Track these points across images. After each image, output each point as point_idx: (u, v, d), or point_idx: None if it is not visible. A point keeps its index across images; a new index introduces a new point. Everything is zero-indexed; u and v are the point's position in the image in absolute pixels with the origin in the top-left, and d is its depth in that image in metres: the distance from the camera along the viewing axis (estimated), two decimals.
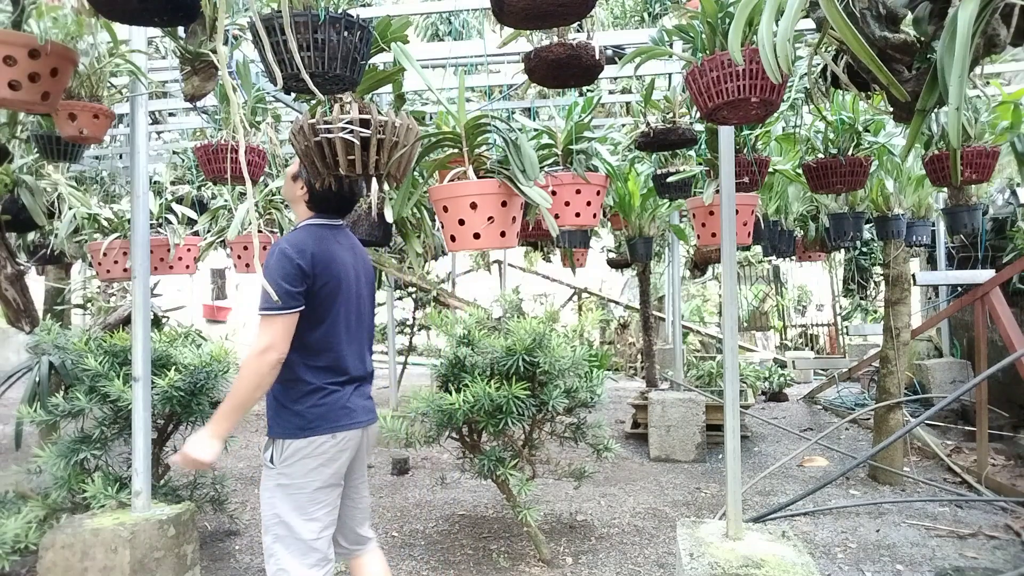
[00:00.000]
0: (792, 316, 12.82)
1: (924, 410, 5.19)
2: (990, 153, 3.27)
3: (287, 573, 1.97)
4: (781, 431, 6.08)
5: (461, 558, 3.39)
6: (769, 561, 2.21)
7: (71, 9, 2.27)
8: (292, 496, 1.99)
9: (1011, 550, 3.44)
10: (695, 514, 4.03)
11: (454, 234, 2.24)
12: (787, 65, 1.31)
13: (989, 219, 5.90)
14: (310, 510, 2.01)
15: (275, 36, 1.67)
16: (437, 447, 3.43)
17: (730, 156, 2.54)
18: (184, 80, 2.36)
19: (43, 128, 3.08)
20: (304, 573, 1.98)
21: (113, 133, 4.78)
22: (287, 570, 1.98)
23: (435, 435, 3.24)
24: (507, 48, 2.79)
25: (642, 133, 3.28)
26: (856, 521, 3.88)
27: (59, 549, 2.56)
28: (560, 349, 3.09)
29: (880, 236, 4.79)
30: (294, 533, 1.99)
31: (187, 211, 4.28)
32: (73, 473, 3.03)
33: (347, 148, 1.95)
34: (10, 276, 3.64)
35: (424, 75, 2.23)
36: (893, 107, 1.40)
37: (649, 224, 5.44)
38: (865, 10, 1.30)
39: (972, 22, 1.07)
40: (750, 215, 3.42)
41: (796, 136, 3.67)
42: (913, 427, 3.98)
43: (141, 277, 2.77)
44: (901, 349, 4.58)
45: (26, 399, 3.37)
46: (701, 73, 2.09)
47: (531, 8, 1.75)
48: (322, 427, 2.01)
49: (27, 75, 2.06)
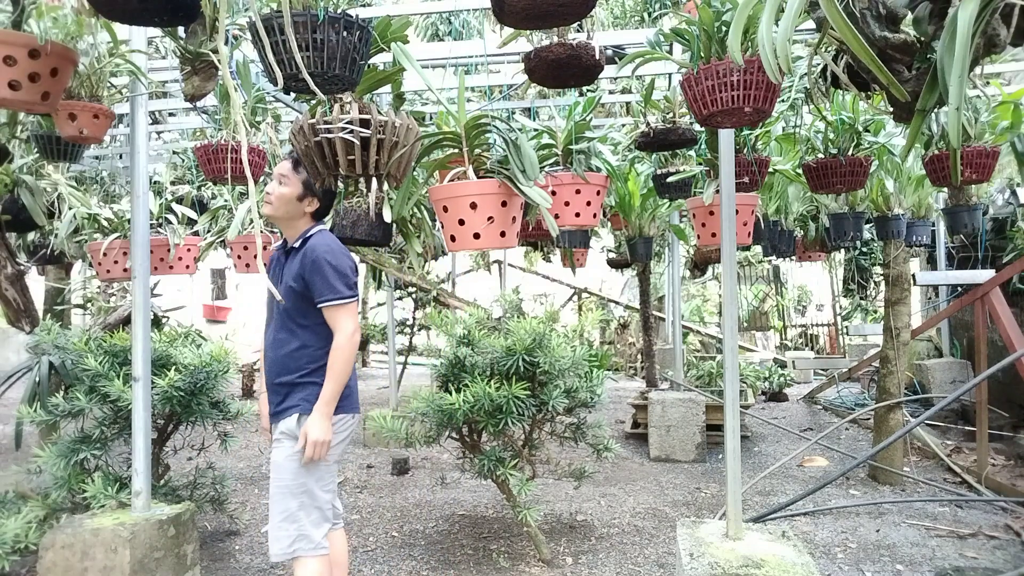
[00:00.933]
0: (792, 316, 12.82)
1: (924, 410, 5.19)
2: (990, 153, 3.28)
3: (307, 537, 2.17)
4: (781, 431, 6.08)
5: (461, 558, 3.39)
6: (769, 561, 2.21)
7: (71, 9, 2.27)
8: (318, 466, 2.19)
9: (1011, 550, 3.44)
10: (695, 514, 4.03)
11: (454, 234, 2.24)
12: (787, 65, 1.31)
13: (989, 219, 5.90)
14: (327, 480, 2.24)
15: (275, 36, 1.67)
16: (437, 447, 3.43)
17: (730, 156, 2.54)
18: (184, 80, 2.36)
19: (43, 128, 3.08)
20: (320, 535, 2.20)
21: (113, 133, 4.78)
22: (308, 535, 2.17)
23: (435, 435, 3.24)
24: (507, 48, 2.79)
25: (642, 133, 3.28)
26: (856, 521, 3.88)
27: (59, 549, 2.56)
28: (560, 349, 3.09)
29: (880, 236, 4.79)
30: (315, 501, 2.19)
31: (187, 211, 4.28)
32: (73, 473, 3.03)
33: (347, 148, 1.95)
34: (10, 276, 3.65)
35: (424, 75, 2.23)
36: (893, 107, 1.40)
37: (649, 224, 5.44)
38: (865, 10, 1.30)
39: (972, 22, 1.07)
40: (750, 215, 3.43)
41: (796, 136, 3.67)
42: (913, 427, 3.98)
43: (141, 277, 2.77)
44: (901, 349, 4.58)
45: (26, 399, 3.37)
46: (696, 81, 2.12)
47: (531, 8, 1.75)
48: (349, 407, 2.28)
49: (27, 75, 2.06)
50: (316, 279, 2.17)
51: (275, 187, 2.25)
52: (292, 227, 2.30)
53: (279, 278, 2.28)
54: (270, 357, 2.30)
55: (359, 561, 3.38)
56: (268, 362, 2.31)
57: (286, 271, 2.26)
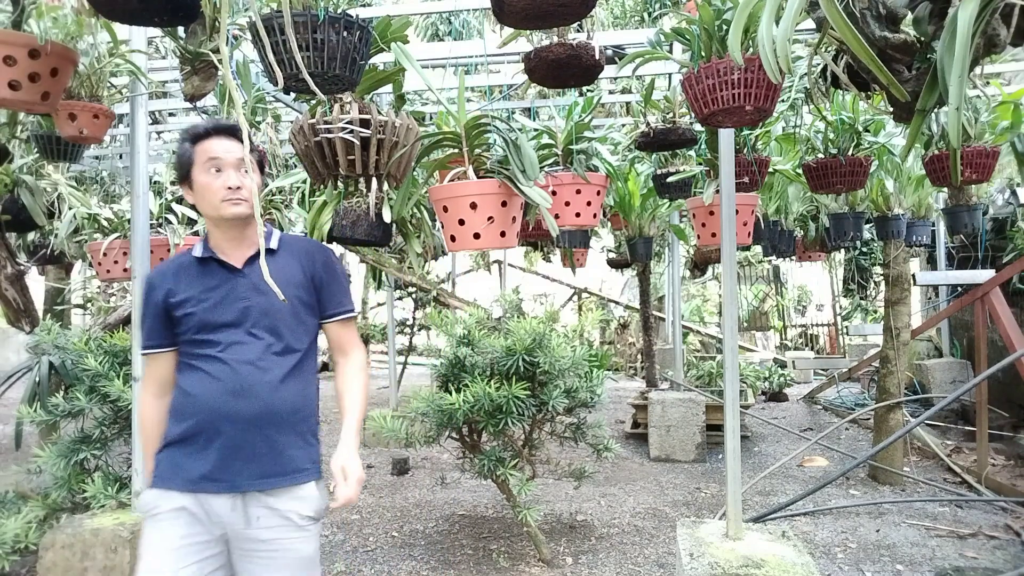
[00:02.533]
0: (792, 316, 12.81)
1: (924, 410, 5.19)
2: (990, 153, 3.27)
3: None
4: (781, 431, 6.08)
5: (461, 558, 3.39)
6: (769, 561, 2.21)
7: (71, 9, 2.27)
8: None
9: (1011, 550, 3.43)
10: (695, 514, 4.03)
11: (454, 234, 2.24)
12: (787, 65, 1.31)
13: (989, 219, 5.90)
14: None
15: (275, 36, 1.68)
16: (437, 447, 3.42)
17: (730, 156, 2.54)
18: (184, 80, 2.36)
19: (43, 128, 3.08)
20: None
21: (113, 133, 4.78)
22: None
23: (435, 435, 3.24)
24: (507, 48, 2.79)
25: (642, 133, 3.28)
26: (856, 521, 3.88)
27: (59, 549, 2.56)
28: (560, 349, 3.09)
29: (880, 236, 4.79)
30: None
31: (187, 211, 4.28)
32: (73, 473, 3.03)
33: (347, 148, 1.95)
34: (10, 276, 3.65)
35: (424, 75, 2.23)
36: (893, 107, 1.40)
37: (649, 224, 5.44)
38: (865, 10, 1.30)
39: (972, 22, 1.07)
40: (750, 215, 3.43)
41: (796, 136, 3.67)
42: (913, 427, 3.98)
43: (141, 277, 2.77)
44: (901, 349, 4.58)
45: (26, 399, 3.37)
46: (697, 80, 2.13)
47: (531, 8, 1.75)
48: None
49: (27, 75, 2.06)
50: (334, 285, 1.74)
51: (242, 178, 1.62)
52: (252, 226, 1.67)
53: (239, 292, 1.64)
54: (250, 397, 1.58)
55: (359, 561, 3.38)
56: (239, 403, 1.58)
57: (267, 280, 1.47)
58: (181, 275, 1.67)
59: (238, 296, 1.63)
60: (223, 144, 1.62)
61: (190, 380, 1.62)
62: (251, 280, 1.65)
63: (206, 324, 1.61)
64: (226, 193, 1.61)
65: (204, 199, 1.63)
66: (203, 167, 1.61)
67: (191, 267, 1.67)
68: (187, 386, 1.62)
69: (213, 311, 1.62)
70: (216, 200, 1.61)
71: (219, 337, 1.61)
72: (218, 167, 1.61)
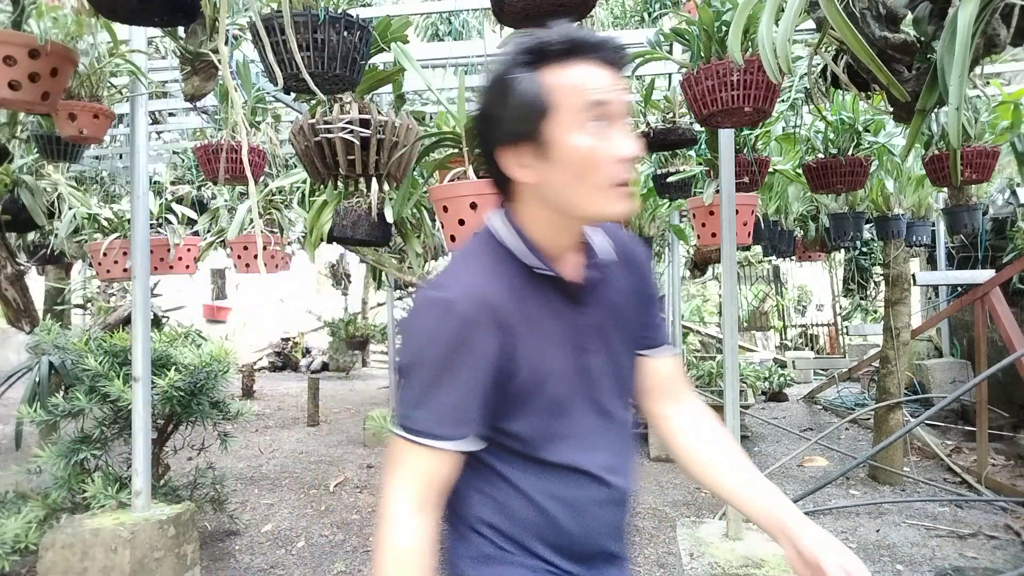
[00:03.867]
0: (792, 316, 12.81)
1: (924, 410, 5.19)
2: (990, 153, 3.27)
3: None
4: (781, 431, 6.08)
5: None
6: (769, 561, 2.21)
7: (71, 9, 2.27)
8: None
9: (1011, 550, 3.43)
10: (695, 514, 4.03)
11: (454, 234, 2.24)
12: (787, 65, 1.31)
13: (989, 219, 5.90)
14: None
15: (275, 36, 1.68)
16: None
17: (730, 156, 2.55)
18: (184, 80, 2.36)
19: (43, 128, 3.08)
20: None
21: (113, 133, 4.78)
22: None
23: None
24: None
25: (642, 133, 3.28)
26: (856, 521, 3.87)
27: (59, 549, 2.56)
28: None
29: (880, 236, 4.79)
30: None
31: (187, 211, 4.28)
32: (73, 473, 3.03)
33: (347, 148, 1.95)
34: (10, 276, 3.65)
35: (424, 75, 2.23)
36: (893, 107, 1.40)
37: (649, 224, 5.43)
38: (865, 10, 1.30)
39: (972, 22, 1.07)
40: (750, 215, 3.42)
41: (796, 136, 3.67)
42: (913, 427, 3.98)
43: (141, 277, 2.77)
44: (901, 349, 4.58)
45: (26, 399, 3.37)
46: (696, 81, 2.13)
47: (530, 8, 1.75)
48: None
49: (27, 75, 2.06)
50: (657, 311, 1.12)
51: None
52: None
53: (590, 338, 1.01)
54: (613, 505, 1.03)
55: (359, 561, 3.38)
56: (602, 512, 1.02)
57: (614, 316, 1.03)
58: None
59: (590, 340, 1.02)
60: (605, 76, 0.90)
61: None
62: (593, 309, 1.03)
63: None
64: (622, 169, 0.91)
65: (577, 177, 0.90)
66: (577, 116, 0.89)
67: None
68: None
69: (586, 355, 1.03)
70: (604, 180, 0.90)
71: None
72: (607, 116, 0.90)
